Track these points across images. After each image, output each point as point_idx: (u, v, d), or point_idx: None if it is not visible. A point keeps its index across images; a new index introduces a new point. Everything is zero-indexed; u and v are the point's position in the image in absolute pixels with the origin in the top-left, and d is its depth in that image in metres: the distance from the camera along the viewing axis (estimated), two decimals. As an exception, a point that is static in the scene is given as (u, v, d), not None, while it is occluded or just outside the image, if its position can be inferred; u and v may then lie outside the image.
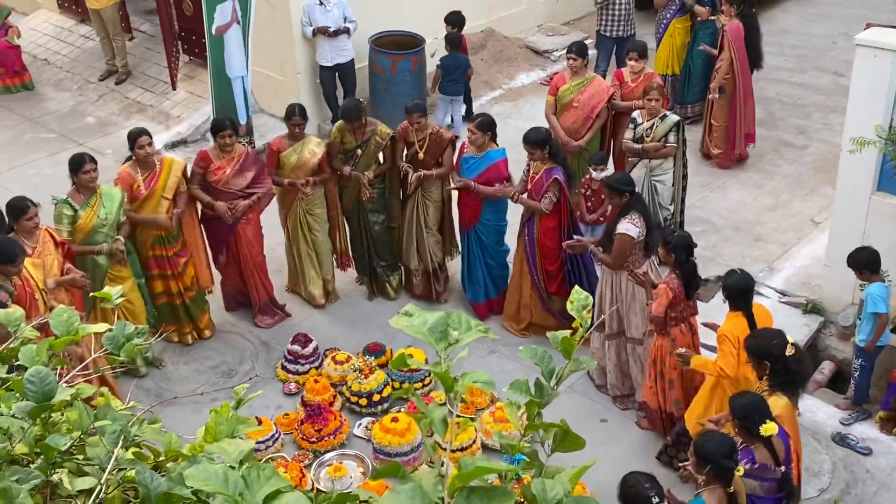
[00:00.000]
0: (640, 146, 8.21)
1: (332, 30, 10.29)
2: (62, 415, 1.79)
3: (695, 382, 6.46)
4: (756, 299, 6.30)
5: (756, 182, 9.91)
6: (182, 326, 7.88)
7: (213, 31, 9.81)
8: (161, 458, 1.87)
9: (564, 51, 12.07)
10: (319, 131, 11.07)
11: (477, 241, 7.95)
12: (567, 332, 1.79)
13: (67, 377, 1.94)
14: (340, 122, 7.97)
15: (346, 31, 10.39)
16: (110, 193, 7.10)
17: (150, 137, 7.44)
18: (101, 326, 1.92)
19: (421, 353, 7.40)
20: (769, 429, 4.82)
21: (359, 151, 7.87)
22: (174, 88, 11.68)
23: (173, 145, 10.93)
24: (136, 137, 7.34)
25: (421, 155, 7.81)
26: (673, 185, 8.36)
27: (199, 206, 7.74)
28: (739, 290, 5.88)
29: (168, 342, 7.84)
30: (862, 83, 7.09)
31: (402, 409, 7.04)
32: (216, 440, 1.97)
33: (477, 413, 7.06)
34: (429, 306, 8.14)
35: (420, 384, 7.32)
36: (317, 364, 7.58)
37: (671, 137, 8.14)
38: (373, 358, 7.49)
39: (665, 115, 8.17)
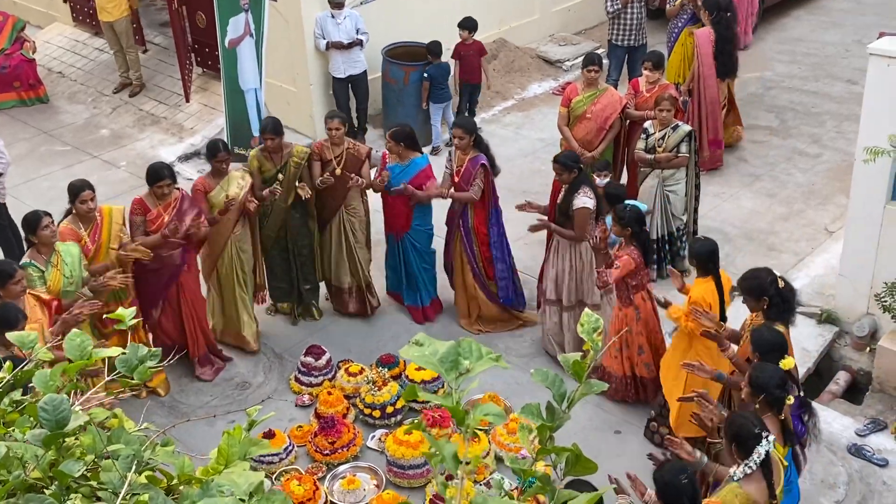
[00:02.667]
0: (651, 156, 8.20)
1: (345, 43, 10.33)
2: (76, 439, 1.81)
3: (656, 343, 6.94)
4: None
5: (769, 191, 9.88)
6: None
7: (227, 44, 9.89)
8: (174, 482, 1.88)
9: (576, 60, 12.22)
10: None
11: (411, 247, 8.02)
12: (578, 356, 1.79)
13: (82, 399, 1.96)
14: (255, 150, 7.81)
15: (360, 43, 10.43)
16: (67, 250, 6.60)
17: (93, 191, 6.89)
18: (115, 350, 1.93)
19: (434, 364, 7.41)
20: (788, 363, 5.17)
21: (279, 176, 7.67)
22: (188, 100, 11.75)
23: (187, 157, 10.99)
24: (79, 192, 6.83)
25: (338, 171, 7.71)
26: (686, 195, 8.35)
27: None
28: (708, 254, 6.22)
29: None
30: (875, 92, 7.06)
31: (416, 421, 7.03)
32: (229, 462, 1.98)
33: (490, 425, 7.04)
34: (369, 321, 8.29)
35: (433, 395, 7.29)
36: (330, 376, 7.58)
37: (683, 147, 8.13)
38: (386, 370, 7.50)
39: (677, 126, 8.16)
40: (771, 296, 5.60)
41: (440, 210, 8.07)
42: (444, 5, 11.72)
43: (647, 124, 8.36)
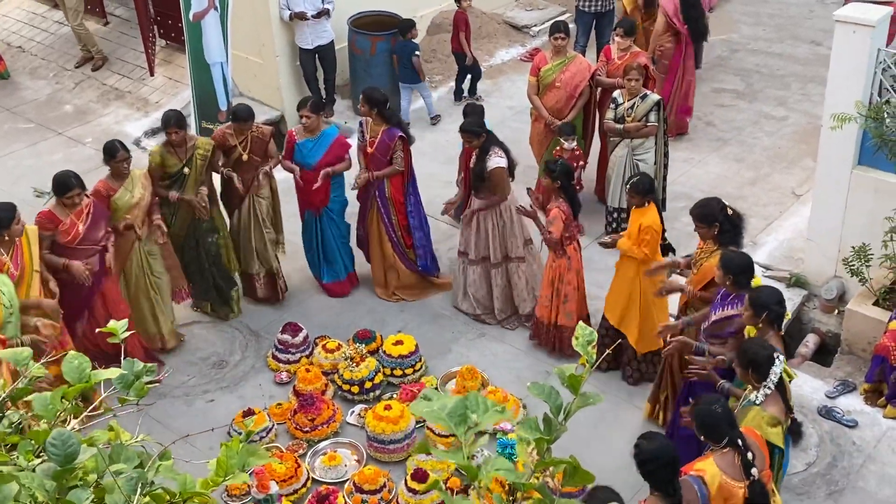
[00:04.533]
0: (621, 126, 8.25)
1: (310, 15, 10.22)
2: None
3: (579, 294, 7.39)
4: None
5: (736, 155, 9.98)
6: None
7: (191, 17, 9.74)
8: (176, 499, 1.91)
9: (544, 26, 12.19)
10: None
11: (329, 221, 8.06)
12: (573, 367, 1.83)
13: (76, 421, 1.97)
14: (157, 146, 7.54)
15: (326, 13, 10.31)
16: (2, 279, 6.12)
17: (17, 214, 6.38)
18: (113, 371, 1.94)
19: (411, 339, 7.48)
20: (757, 281, 5.80)
21: (186, 170, 7.41)
22: (152, 74, 11.58)
23: (153, 132, 10.84)
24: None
25: (245, 156, 7.65)
26: (655, 164, 8.42)
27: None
28: (649, 185, 6.71)
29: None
30: (841, 59, 7.14)
31: (395, 396, 7.10)
32: (228, 473, 2.01)
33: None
34: (278, 307, 8.23)
35: (411, 369, 7.37)
36: (307, 353, 7.61)
37: (652, 117, 8.18)
38: (363, 345, 7.54)
39: (646, 95, 8.20)
40: (721, 221, 6.02)
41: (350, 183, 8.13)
42: (410, -27, 11.61)
43: (615, 93, 8.39)
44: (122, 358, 2.01)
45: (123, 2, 12.91)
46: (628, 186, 6.81)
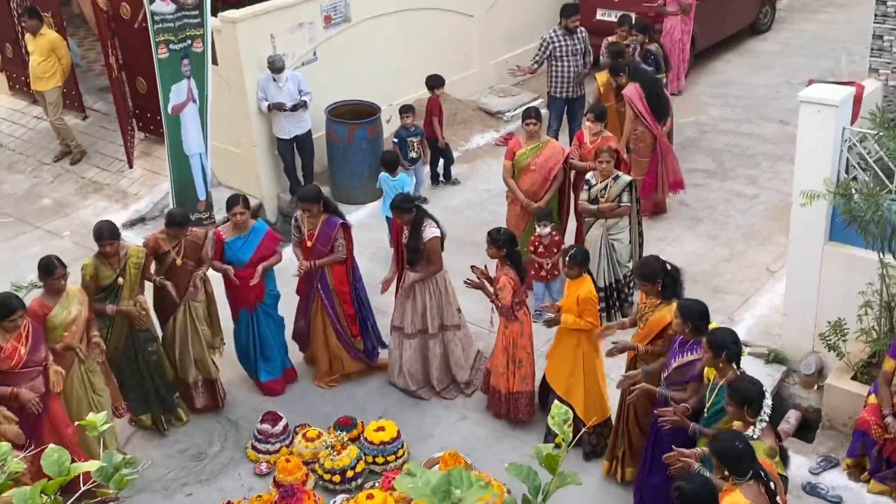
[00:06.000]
0: (595, 207, 8.38)
1: (288, 106, 10.39)
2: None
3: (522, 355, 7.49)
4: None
5: (711, 233, 10.12)
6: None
7: (170, 111, 9.88)
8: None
9: (517, 111, 12.44)
10: (279, 202, 11.13)
11: (266, 316, 7.96)
12: (551, 447, 1.84)
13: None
14: (90, 258, 7.23)
15: (304, 105, 10.50)
16: None
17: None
18: (93, 464, 1.94)
19: (392, 424, 7.42)
20: (713, 324, 6.08)
21: (119, 280, 7.18)
22: (131, 166, 11.67)
23: (132, 224, 10.89)
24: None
25: (179, 261, 7.49)
26: (630, 243, 8.53)
27: None
28: (584, 257, 7.03)
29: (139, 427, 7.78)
30: (808, 138, 7.31)
31: (377, 485, 7.01)
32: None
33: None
34: (257, 395, 8.13)
35: (393, 456, 7.29)
36: (287, 442, 7.53)
37: (625, 197, 8.33)
38: (344, 432, 7.47)
39: (618, 176, 8.36)
40: (663, 278, 6.40)
41: (281, 276, 8.14)
42: (385, 63, 11.88)
43: (588, 175, 8.54)
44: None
45: (102, 97, 13.09)
46: (567, 258, 7.04)
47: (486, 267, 7.55)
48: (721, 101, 13.23)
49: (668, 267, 6.55)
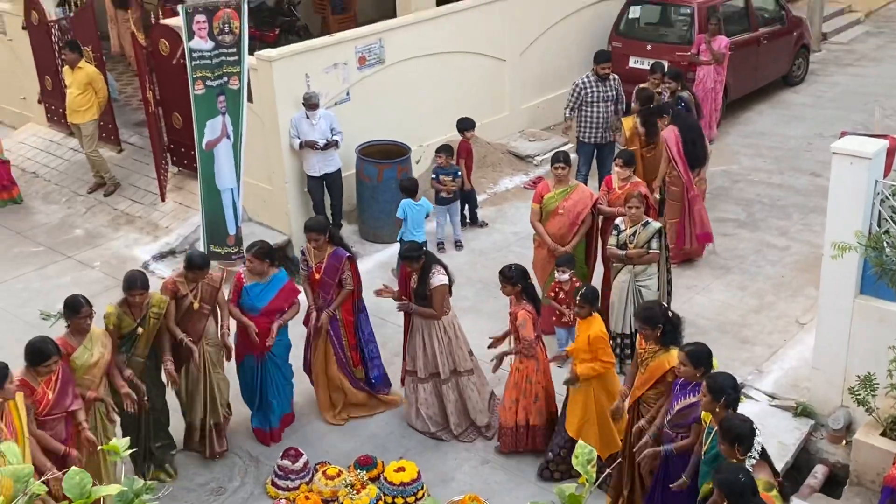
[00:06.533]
0: (623, 252, 8.34)
1: (320, 145, 10.50)
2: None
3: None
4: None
5: (740, 283, 10.04)
6: None
7: (204, 146, 10.01)
8: None
9: (546, 155, 12.48)
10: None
11: (273, 367, 7.82)
12: (573, 487, 1.82)
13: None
14: (113, 306, 7.03)
15: (335, 143, 10.60)
16: (10, 448, 5.91)
17: (10, 374, 5.85)
18: (115, 488, 1.94)
19: (413, 466, 7.37)
20: (716, 364, 6.18)
21: (139, 331, 7.07)
22: (163, 199, 11.80)
23: (161, 256, 10.99)
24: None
25: (196, 304, 7.36)
26: (658, 290, 8.47)
27: None
28: (594, 296, 7.14)
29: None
30: (840, 190, 7.27)
31: (396, 525, 6.95)
32: None
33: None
34: (238, 449, 7.95)
35: (413, 498, 7.23)
36: (307, 479, 7.48)
37: (654, 244, 8.29)
38: (364, 472, 7.42)
39: (647, 223, 8.32)
40: (663, 323, 6.43)
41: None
42: (417, 104, 11.99)
43: (617, 220, 8.52)
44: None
45: (138, 130, 13.29)
46: (577, 297, 7.08)
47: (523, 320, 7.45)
48: (753, 151, 13.21)
49: (670, 314, 6.63)
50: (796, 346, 8.87)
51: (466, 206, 11.40)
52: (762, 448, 5.40)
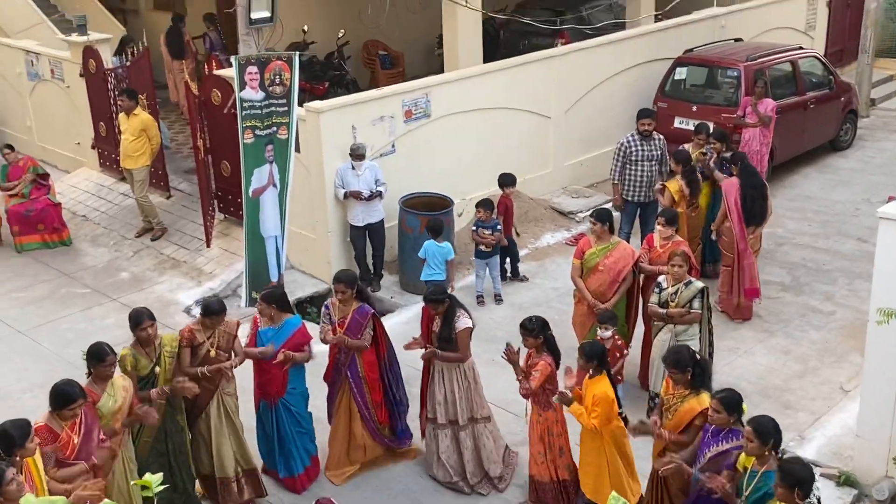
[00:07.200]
0: (664, 311, 8.28)
1: (365, 195, 10.62)
2: None
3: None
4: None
5: (784, 347, 9.88)
6: None
7: (251, 194, 10.17)
8: None
9: (588, 212, 12.46)
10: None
11: (286, 412, 7.72)
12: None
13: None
14: (127, 349, 7.02)
15: (380, 194, 10.72)
16: (28, 501, 5.21)
17: (32, 432, 5.72)
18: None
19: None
20: (746, 408, 6.12)
21: (156, 370, 7.03)
22: (208, 245, 11.97)
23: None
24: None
25: (213, 352, 7.28)
26: (699, 351, 8.35)
27: None
28: (601, 352, 7.04)
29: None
30: (887, 255, 7.16)
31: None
32: None
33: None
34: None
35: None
36: (340, 530, 7.41)
37: (696, 303, 8.21)
38: (397, 525, 7.34)
39: (690, 282, 8.26)
40: (693, 367, 6.45)
41: (313, 370, 7.94)
42: (461, 158, 12.10)
43: (660, 279, 8.47)
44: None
45: (187, 177, 13.55)
46: (579, 350, 7.10)
47: (519, 350, 7.39)
48: (799, 214, 13.09)
49: (698, 357, 6.62)
50: (840, 413, 8.68)
51: (508, 260, 11.41)
52: (819, 496, 5.37)
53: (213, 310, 7.32)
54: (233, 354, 7.40)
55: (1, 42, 15.20)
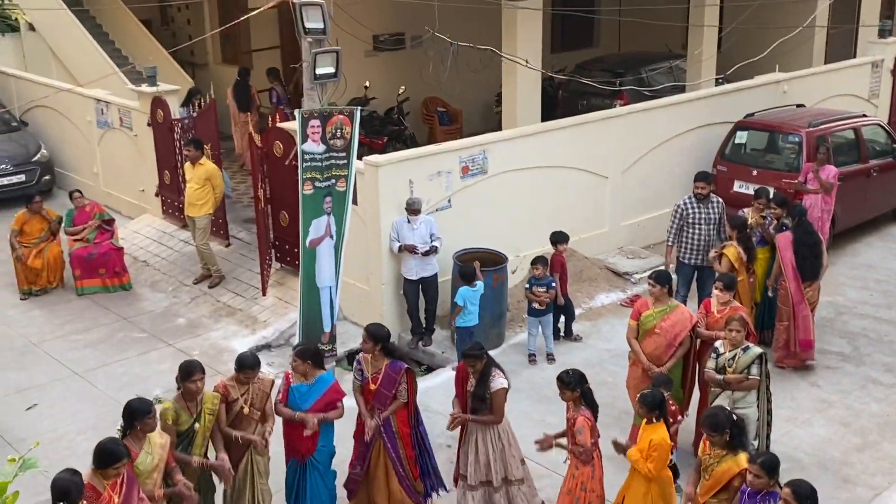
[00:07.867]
0: (721, 377, 8.12)
1: (420, 250, 10.67)
2: None
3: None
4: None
5: (843, 419, 9.62)
6: None
7: (308, 244, 10.27)
8: None
9: (644, 273, 12.38)
10: (399, 341, 11.25)
11: (314, 471, 7.59)
12: None
13: None
14: (170, 402, 6.98)
15: (434, 249, 10.76)
16: None
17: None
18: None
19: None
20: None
21: (196, 426, 6.96)
22: (264, 294, 12.09)
23: (257, 349, 11.17)
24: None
25: (247, 409, 7.24)
26: (757, 420, 8.18)
27: None
28: (659, 400, 7.01)
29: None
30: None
31: None
32: None
33: None
34: None
35: None
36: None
37: (753, 370, 8.05)
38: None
39: (748, 347, 8.11)
40: (730, 428, 6.53)
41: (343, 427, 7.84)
42: (517, 215, 12.12)
43: (717, 344, 8.33)
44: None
45: (246, 227, 13.76)
46: (639, 400, 7.06)
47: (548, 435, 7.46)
48: (860, 283, 12.84)
49: (735, 417, 6.72)
50: (902, 489, 8.40)
51: (563, 319, 11.33)
52: None
53: (247, 363, 7.24)
54: (264, 423, 7.32)
55: (73, 90, 15.68)
